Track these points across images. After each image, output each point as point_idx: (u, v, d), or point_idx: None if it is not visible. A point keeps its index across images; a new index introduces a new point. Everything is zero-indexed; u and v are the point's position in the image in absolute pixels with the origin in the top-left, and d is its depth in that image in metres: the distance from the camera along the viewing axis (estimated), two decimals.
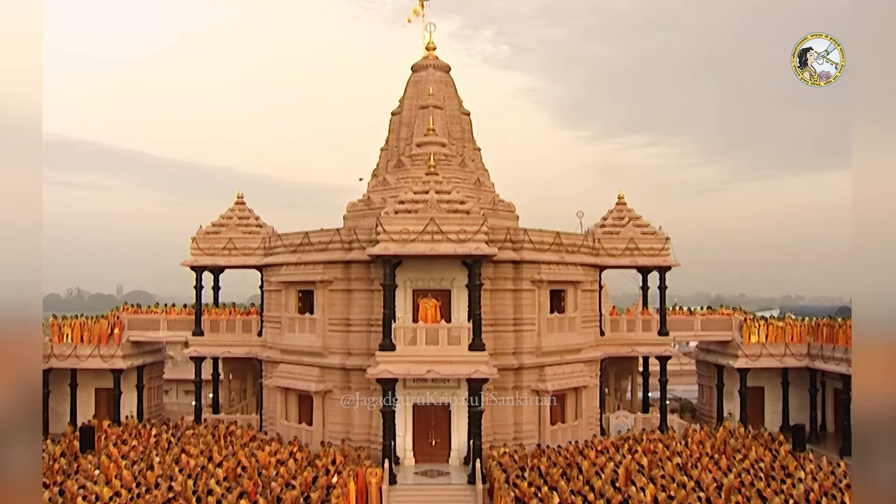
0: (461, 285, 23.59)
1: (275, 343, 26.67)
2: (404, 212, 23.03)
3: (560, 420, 25.27)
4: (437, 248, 22.36)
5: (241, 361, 30.36)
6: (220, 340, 28.48)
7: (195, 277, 28.66)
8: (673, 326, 29.04)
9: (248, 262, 28.45)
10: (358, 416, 24.06)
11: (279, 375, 25.81)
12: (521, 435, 24.16)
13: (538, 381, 24.47)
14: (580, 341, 26.12)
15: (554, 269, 25.38)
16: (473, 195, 26.91)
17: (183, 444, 23.57)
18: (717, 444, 24.26)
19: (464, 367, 21.68)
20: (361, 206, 27.88)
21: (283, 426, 25.62)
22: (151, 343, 30.69)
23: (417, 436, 23.42)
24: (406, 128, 29.12)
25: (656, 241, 28.65)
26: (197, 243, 28.58)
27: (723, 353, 30.14)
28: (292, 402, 25.70)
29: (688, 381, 40.17)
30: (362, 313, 24.34)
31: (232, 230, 28.74)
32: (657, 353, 28.41)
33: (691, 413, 34.86)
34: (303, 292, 25.97)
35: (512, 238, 24.72)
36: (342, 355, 24.43)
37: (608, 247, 28.36)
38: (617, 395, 31.54)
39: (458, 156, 28.61)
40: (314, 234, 25.75)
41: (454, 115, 29.48)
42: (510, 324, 24.49)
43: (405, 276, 23.78)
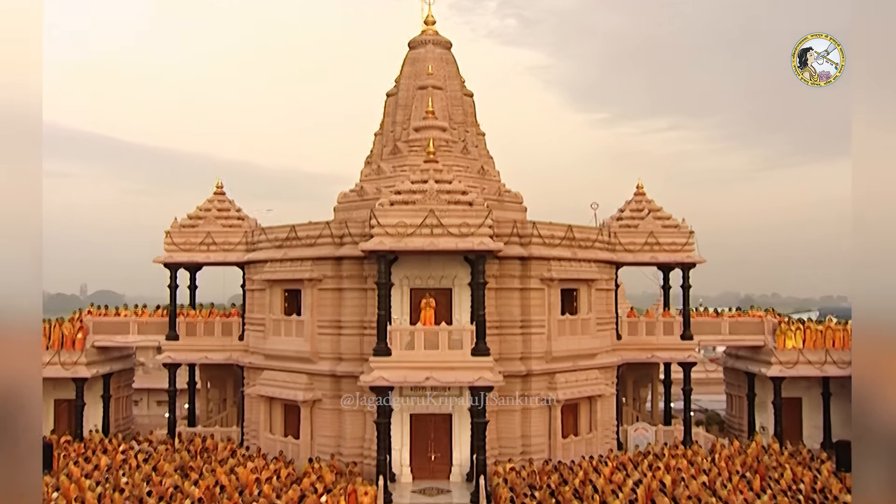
0: (463, 284, 23.92)
1: (258, 347, 26.99)
2: (401, 203, 23.32)
3: (572, 432, 25.60)
4: (437, 243, 22.65)
5: (220, 368, 30.69)
6: (197, 345, 28.78)
7: (169, 275, 28.92)
8: (698, 329, 29.31)
9: (229, 258, 28.73)
10: (350, 429, 24.37)
11: (263, 383, 26.14)
12: (529, 449, 24.49)
13: (548, 390, 24.80)
14: (594, 345, 26.44)
15: (565, 266, 25.69)
16: (477, 185, 27.22)
17: (154, 462, 23.78)
18: (748, 462, 24.46)
19: (466, 373, 21.99)
20: (354, 196, 28.19)
21: (266, 440, 25.94)
22: (119, 348, 30.97)
23: (415, 450, 23.75)
24: (403, 110, 29.40)
25: (679, 234, 28.90)
26: (171, 237, 28.83)
27: (754, 360, 30.36)
28: (277, 412, 26.02)
29: (715, 391, 40.38)
30: (355, 314, 24.65)
31: (210, 223, 29.02)
32: (680, 359, 28.68)
33: (719, 426, 35.09)
34: (289, 292, 26.28)
35: (519, 232, 25.02)
36: (332, 361, 24.74)
37: (625, 241, 28.64)
38: (635, 405, 31.87)
39: (460, 141, 28.90)
40: (301, 228, 26.02)
41: (456, 96, 29.76)
42: (517, 326, 24.82)
43: (402, 274, 24.09)
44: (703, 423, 34.87)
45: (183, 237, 28.85)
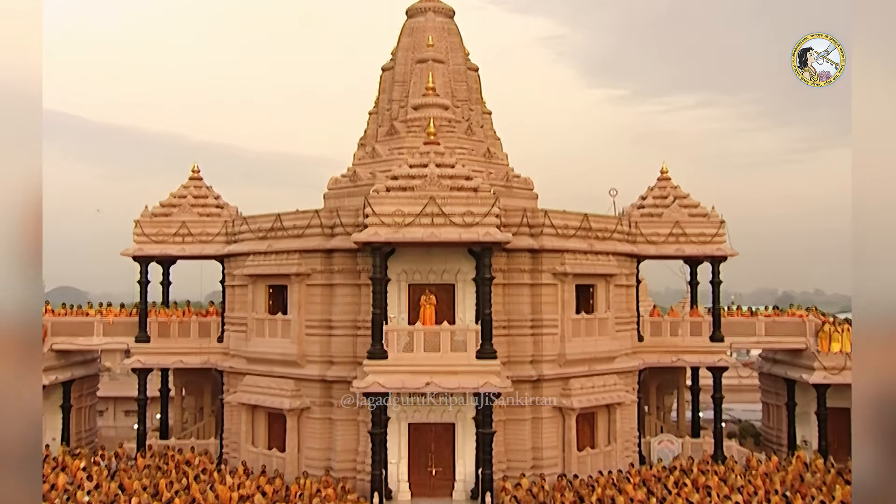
0: (467, 279, 24.18)
1: (239, 350, 27.29)
2: (398, 189, 23.55)
3: (589, 444, 25.89)
4: (439, 234, 22.89)
5: (196, 373, 30.82)
6: (171, 347, 28.99)
7: (139, 270, 29.12)
8: (729, 330, 29.43)
9: (206, 250, 28.90)
10: (341, 440, 24.66)
11: (244, 390, 26.42)
12: (540, 462, 24.77)
13: (562, 396, 25.10)
14: (613, 347, 26.72)
15: (581, 260, 25.95)
16: (482, 169, 27.47)
17: (121, 479, 23.74)
18: (788, 480, 24.40)
19: (471, 378, 22.25)
20: (346, 182, 28.44)
21: (248, 453, 26.22)
22: (82, 352, 31.19)
23: (414, 463, 24.04)
24: (400, 87, 29.63)
25: (708, 224, 29.05)
26: (142, 228, 28.95)
27: (794, 365, 30.43)
28: (260, 422, 26.32)
29: (749, 399, 40.60)
30: (347, 313, 24.93)
31: (185, 212, 29.18)
32: (709, 363, 28.84)
33: (754, 439, 35.23)
34: (274, 288, 26.56)
35: (529, 221, 25.28)
36: (322, 365, 25.04)
37: (648, 232, 28.85)
38: (659, 414, 32.04)
39: (464, 121, 29.14)
40: (288, 217, 26.28)
41: (459, 70, 29.98)
42: (527, 326, 25.10)
43: (399, 268, 24.35)
44: (737, 436, 34.93)
45: (154, 227, 28.99)
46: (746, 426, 37.95)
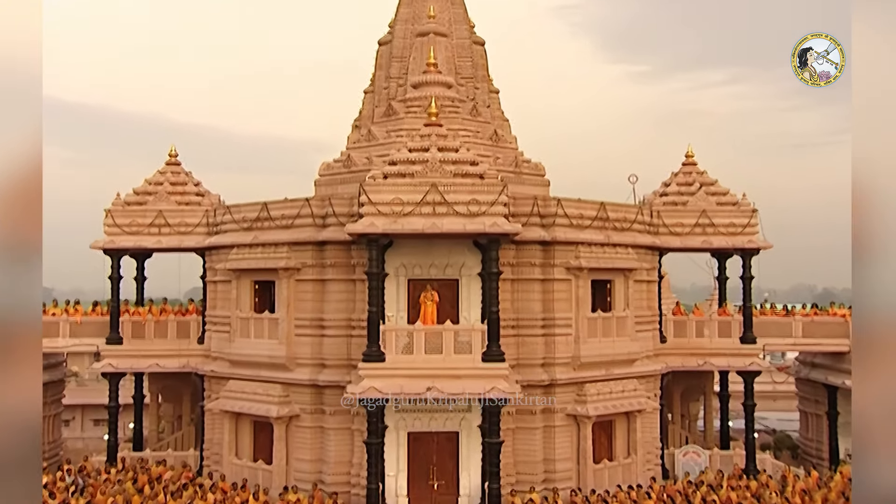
0: (472, 274, 24.35)
1: (222, 352, 27.43)
2: (396, 175, 23.72)
3: (606, 456, 26.07)
4: (441, 224, 23.02)
5: (174, 378, 30.85)
6: (146, 349, 28.99)
7: (111, 264, 29.21)
8: (762, 331, 29.40)
9: (185, 242, 28.98)
10: (334, 451, 24.84)
11: (228, 396, 26.57)
12: (553, 476, 24.92)
13: (576, 403, 25.28)
14: (633, 349, 26.85)
15: (597, 253, 26.11)
16: (489, 153, 27.61)
17: (90, 495, 23.81)
18: (831, 498, 24.27)
19: (476, 383, 22.36)
20: (339, 167, 28.55)
21: (231, 465, 26.35)
22: (46, 355, 30.88)
23: (414, 476, 24.21)
24: (398, 63, 29.75)
25: (738, 213, 29.12)
26: (113, 218, 28.99)
27: (835, 370, 30.42)
28: (245, 431, 26.51)
29: (785, 407, 40.77)
30: (340, 311, 25.11)
31: (162, 200, 29.24)
32: (740, 367, 28.86)
33: (791, 451, 35.30)
34: (260, 284, 26.75)
35: (541, 211, 25.45)
36: (313, 368, 25.20)
37: (671, 222, 28.95)
38: (684, 423, 32.14)
39: (469, 100, 29.29)
40: (276, 206, 26.41)
41: (463, 44, 30.11)
42: (538, 325, 25.27)
43: (398, 262, 24.53)
44: (771, 448, 34.92)
45: (128, 217, 29.01)
46: (782, 437, 38.03)
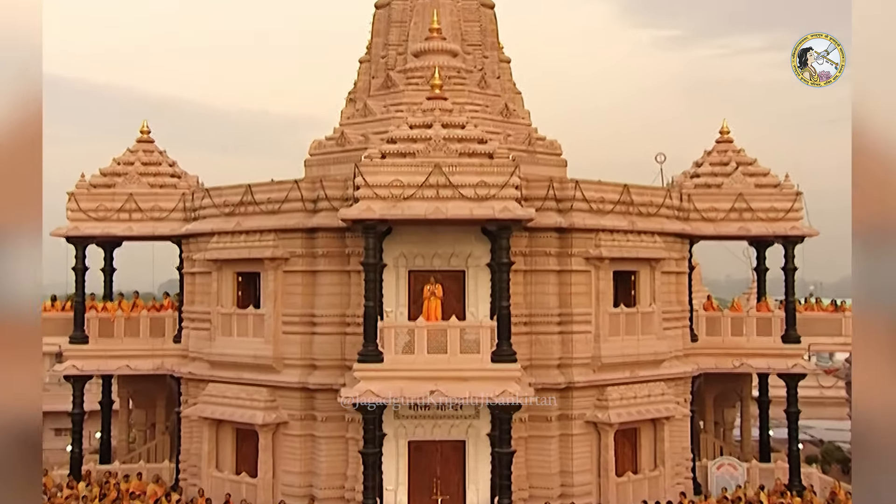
0: (481, 264, 24.53)
1: (201, 352, 27.57)
2: (396, 155, 23.85)
3: (631, 468, 26.25)
4: (445, 209, 23.07)
5: (147, 381, 30.82)
6: (115, 350, 28.95)
7: (75, 254, 29.34)
8: (808, 329, 29.30)
9: (159, 229, 28.96)
10: (326, 462, 25.01)
11: (207, 401, 26.71)
12: (570, 490, 25.10)
13: (596, 409, 25.46)
14: (660, 349, 26.94)
15: (620, 241, 26.28)
16: (499, 130, 27.76)
17: None
18: None
19: (485, 385, 22.46)
20: (332, 146, 28.68)
21: (211, 479, 26.47)
22: None
23: (415, 490, 24.39)
24: (398, 28, 29.84)
25: (780, 197, 29.05)
26: (77, 202, 28.92)
27: None
28: (227, 441, 26.70)
29: (833, 415, 40.65)
30: (333, 306, 25.30)
31: (133, 182, 29.21)
32: (781, 370, 28.76)
33: (840, 465, 35.29)
34: (244, 276, 26.94)
35: (557, 194, 25.58)
36: (303, 369, 25.37)
37: (704, 207, 28.91)
38: (719, 431, 32.23)
39: (477, 70, 29.40)
40: (261, 189, 26.54)
41: (470, 7, 30.17)
42: (554, 322, 25.46)
43: (398, 251, 24.68)
44: (818, 460, 34.85)
45: (94, 201, 28.94)
46: (830, 449, 37.89)
